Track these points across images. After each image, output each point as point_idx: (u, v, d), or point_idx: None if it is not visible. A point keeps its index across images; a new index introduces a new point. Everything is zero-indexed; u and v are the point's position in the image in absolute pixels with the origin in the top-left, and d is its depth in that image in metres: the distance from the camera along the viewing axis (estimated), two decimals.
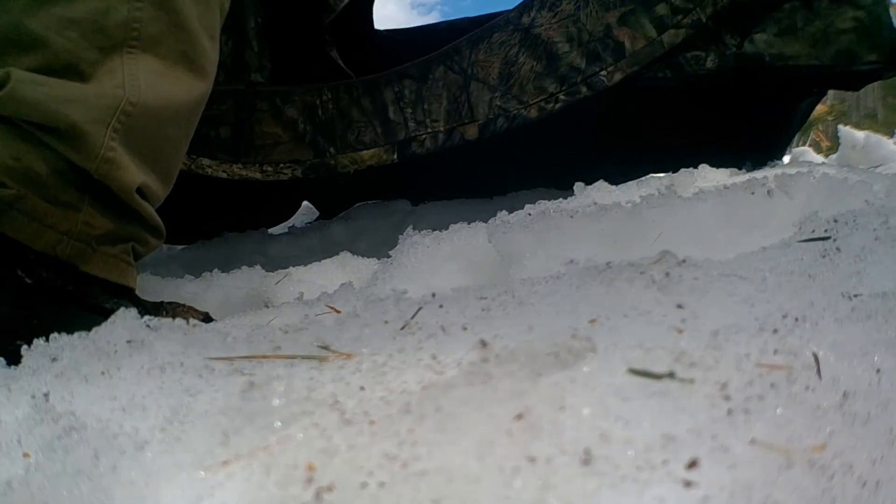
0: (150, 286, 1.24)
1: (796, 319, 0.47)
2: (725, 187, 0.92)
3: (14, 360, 0.60)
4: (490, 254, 0.94)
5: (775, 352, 0.42)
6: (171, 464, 0.40)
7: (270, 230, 2.61)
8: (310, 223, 2.73)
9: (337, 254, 1.44)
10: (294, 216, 2.79)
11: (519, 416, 0.38)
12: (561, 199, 1.13)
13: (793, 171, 1.01)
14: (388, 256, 1.02)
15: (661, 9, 1.69)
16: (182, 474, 0.39)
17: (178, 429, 0.43)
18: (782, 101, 2.01)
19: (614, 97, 1.76)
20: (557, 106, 1.72)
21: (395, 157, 1.78)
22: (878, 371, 0.40)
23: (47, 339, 0.59)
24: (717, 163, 1.50)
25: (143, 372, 0.52)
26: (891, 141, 5.02)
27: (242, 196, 2.07)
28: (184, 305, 1.03)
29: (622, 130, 2.02)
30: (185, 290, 1.24)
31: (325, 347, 0.52)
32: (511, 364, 0.43)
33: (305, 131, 1.81)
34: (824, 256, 0.61)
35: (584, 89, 1.72)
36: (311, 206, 2.90)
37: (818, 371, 0.40)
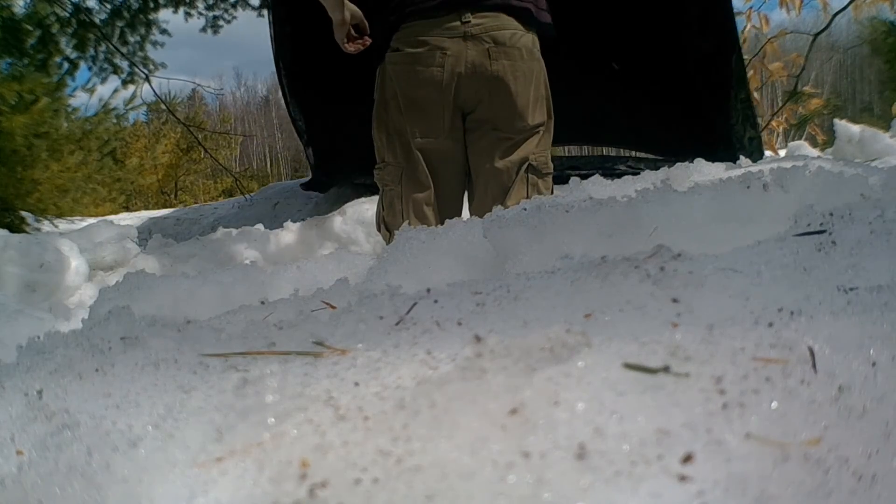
0: (145, 282, 1.23)
1: (792, 313, 0.46)
2: (721, 181, 0.92)
3: None
4: (485, 249, 0.93)
5: (771, 346, 0.42)
6: (164, 461, 0.40)
7: (267, 228, 2.61)
8: (306, 219, 2.73)
9: (333, 249, 1.44)
10: (292, 214, 2.77)
11: (513, 411, 0.38)
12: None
13: (788, 164, 1.01)
14: (384, 251, 1.02)
15: None
16: (175, 471, 0.39)
17: (172, 425, 0.43)
18: None
19: None
20: None
21: None
22: (873, 365, 0.40)
23: (41, 337, 0.59)
24: None
25: (137, 369, 0.52)
26: (886, 135, 5.03)
27: None
28: None
29: None
30: (181, 286, 1.23)
31: (320, 343, 0.51)
32: (505, 359, 0.43)
33: None
34: (820, 250, 0.61)
35: None
36: (309, 203, 2.89)
37: (813, 365, 0.40)
